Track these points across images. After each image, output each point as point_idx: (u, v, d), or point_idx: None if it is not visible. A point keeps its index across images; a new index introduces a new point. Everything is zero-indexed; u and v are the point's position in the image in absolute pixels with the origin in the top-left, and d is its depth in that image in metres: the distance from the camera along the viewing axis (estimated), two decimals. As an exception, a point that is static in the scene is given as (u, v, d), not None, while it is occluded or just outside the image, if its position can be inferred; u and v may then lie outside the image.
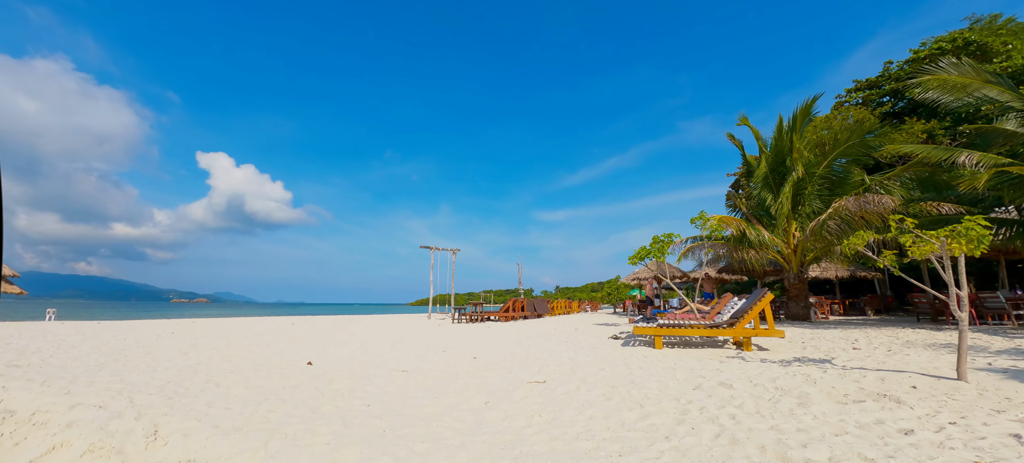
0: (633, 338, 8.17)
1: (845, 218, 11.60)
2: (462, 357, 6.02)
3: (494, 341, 8.23)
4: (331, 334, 10.34)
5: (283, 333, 10.61)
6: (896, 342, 7.06)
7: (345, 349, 7.19)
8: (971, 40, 19.09)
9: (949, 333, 8.27)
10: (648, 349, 6.52)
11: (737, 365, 5.05)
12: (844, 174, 13.22)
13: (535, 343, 7.72)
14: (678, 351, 6.33)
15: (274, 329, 12.12)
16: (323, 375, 4.76)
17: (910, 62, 21.06)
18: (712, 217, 10.91)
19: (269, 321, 16.99)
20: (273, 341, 8.49)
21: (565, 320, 16.26)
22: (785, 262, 14.10)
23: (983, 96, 9.25)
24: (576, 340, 8.05)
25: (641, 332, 6.60)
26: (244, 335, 9.85)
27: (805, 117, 13.17)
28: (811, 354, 5.87)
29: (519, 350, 6.69)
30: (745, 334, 6.19)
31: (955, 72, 9.26)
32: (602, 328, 11.24)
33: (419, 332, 11.06)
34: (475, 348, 7.14)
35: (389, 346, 7.65)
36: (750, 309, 6.34)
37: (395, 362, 5.65)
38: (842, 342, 7.14)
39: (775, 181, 14.01)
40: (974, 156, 8.77)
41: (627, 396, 3.66)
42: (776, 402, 3.44)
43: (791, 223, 13.92)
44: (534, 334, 9.53)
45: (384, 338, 9.21)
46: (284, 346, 7.61)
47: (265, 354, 6.50)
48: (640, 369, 4.84)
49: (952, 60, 9.36)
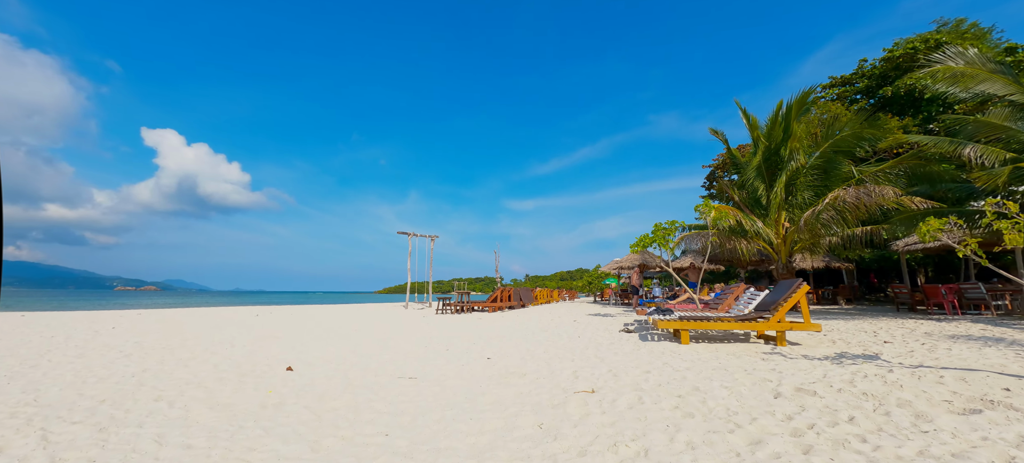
0: (645, 329, 7.60)
1: (839, 209, 11.56)
2: (472, 357, 5.20)
3: (496, 335, 7.44)
4: (305, 327, 9.20)
5: (248, 327, 9.36)
6: (915, 334, 6.85)
7: (328, 347, 6.18)
8: (941, 41, 19.76)
9: (952, 323, 8.24)
10: (673, 344, 5.94)
11: (789, 365, 4.51)
12: (835, 165, 13.23)
13: (543, 338, 6.99)
14: (704, 346, 5.79)
15: (237, 322, 10.80)
16: (311, 386, 3.81)
17: (884, 60, 21.69)
18: (715, 206, 10.53)
19: (229, 312, 15.40)
20: (238, 337, 7.32)
21: (553, 310, 15.69)
22: (774, 252, 14.08)
23: (981, 91, 9.23)
24: (586, 334, 7.39)
25: (665, 325, 6.00)
26: (202, 330, 8.56)
27: (801, 107, 13.02)
28: (850, 349, 5.46)
29: (533, 347, 5.94)
30: (781, 328, 5.71)
31: (962, 62, 9.18)
32: (601, 319, 10.68)
33: (404, 325, 10.10)
34: (480, 345, 6.32)
35: (378, 343, 6.69)
36: (782, 301, 5.87)
37: (394, 365, 4.76)
38: (863, 334, 6.85)
39: (768, 171, 13.88)
40: (978, 149, 8.72)
41: (706, 410, 2.98)
42: (888, 415, 2.86)
43: (781, 213, 13.88)
44: (535, 326, 8.81)
45: (369, 333, 8.21)
46: (253, 344, 6.49)
47: (231, 356, 5.41)
48: (688, 371, 4.20)
49: (960, 49, 9.25)
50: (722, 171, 35.27)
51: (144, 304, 28.48)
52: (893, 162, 11.53)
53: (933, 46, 19.90)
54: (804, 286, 5.78)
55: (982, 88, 9.13)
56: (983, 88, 9.17)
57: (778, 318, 5.80)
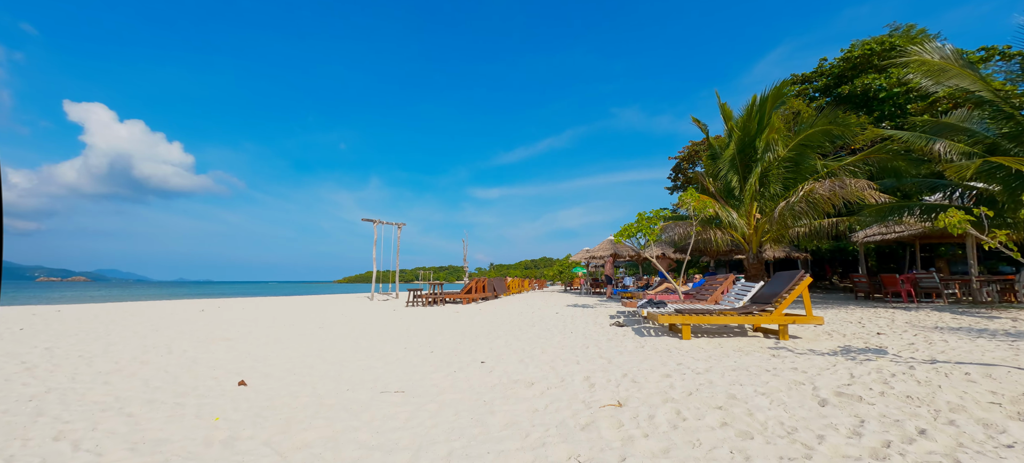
0: (635, 322, 7.26)
1: (812, 201, 11.81)
2: (463, 361, 4.57)
3: (481, 332, 6.83)
4: (261, 325, 8.16)
5: (192, 325, 8.18)
6: (897, 324, 6.94)
7: (290, 351, 5.33)
8: (895, 44, 20.88)
9: (918, 312, 8.51)
10: (673, 339, 5.59)
11: (805, 362, 4.24)
12: (805, 159, 13.54)
13: (534, 334, 6.47)
14: (705, 341, 5.49)
15: (178, 319, 9.50)
16: (271, 408, 3.06)
17: (842, 60, 22.71)
18: (699, 196, 10.38)
19: (170, 307, 13.74)
20: (178, 340, 6.26)
21: (528, 300, 15.26)
22: (745, 242, 14.33)
23: (956, 85, 9.55)
24: (577, 328, 6.94)
25: (666, 320, 5.63)
26: (133, 330, 7.35)
27: (777, 100, 13.16)
28: (850, 342, 5.33)
29: (528, 347, 5.39)
30: (784, 321, 5.49)
31: (937, 56, 9.42)
32: (583, 311, 10.32)
33: (374, 320, 9.26)
34: (466, 344, 5.69)
35: (350, 344, 5.90)
36: (784, 293, 5.66)
37: (374, 374, 4.05)
38: (850, 325, 6.85)
39: (742, 163, 14.03)
40: (947, 145, 9.02)
41: (760, 426, 2.55)
42: (953, 424, 2.54)
43: (753, 204, 14.12)
44: (520, 320, 8.27)
45: (337, 330, 7.35)
46: (197, 349, 5.51)
47: (168, 366, 4.48)
48: (709, 373, 3.81)
49: (935, 44, 9.49)
50: (688, 163, 36.19)
51: (68, 298, 25.41)
52: (861, 155, 11.89)
53: (888, 48, 21.01)
54: (807, 278, 5.58)
55: (953, 82, 9.44)
56: (954, 82, 9.47)
57: (781, 311, 5.58)
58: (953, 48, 9.57)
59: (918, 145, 9.24)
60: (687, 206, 10.25)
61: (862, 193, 10.03)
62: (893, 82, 19.29)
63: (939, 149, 8.99)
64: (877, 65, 21.89)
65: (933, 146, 9.06)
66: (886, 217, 10.93)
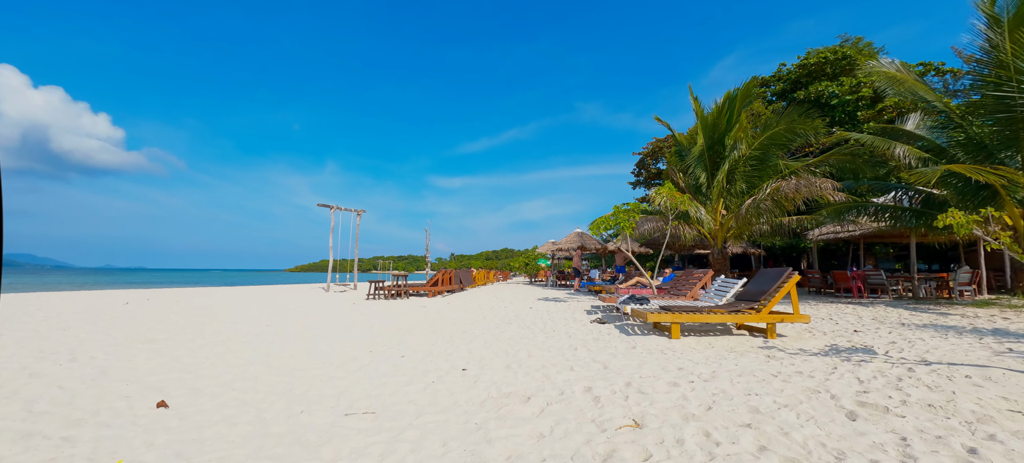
0: (615, 318, 6.96)
1: (777, 199, 12.14)
2: (440, 368, 3.99)
3: (455, 330, 6.25)
4: (194, 321, 7.09)
5: (110, 321, 6.95)
6: (866, 320, 7.11)
7: (229, 357, 4.50)
8: (847, 54, 22.12)
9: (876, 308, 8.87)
10: (661, 339, 5.30)
11: (806, 364, 4.05)
12: (770, 157, 13.93)
13: (513, 333, 5.97)
14: (696, 340, 5.25)
15: (94, 313, 8.11)
16: (199, 440, 2.35)
17: (798, 67, 23.82)
18: (676, 193, 10.27)
19: (88, 298, 11.88)
20: (87, 341, 5.19)
21: (497, 293, 14.78)
22: (711, 238, 14.61)
23: (913, 92, 10.01)
24: (557, 325, 6.52)
25: (656, 319, 5.32)
26: (34, 328, 6.09)
27: (747, 98, 13.38)
28: (835, 341, 5.27)
29: (511, 348, 4.88)
30: (772, 320, 5.35)
31: (893, 69, 9.82)
32: (556, 304, 9.97)
33: (332, 315, 8.40)
34: (441, 345, 5.10)
35: (303, 346, 5.12)
36: (772, 290, 5.52)
37: (335, 389, 3.38)
38: (825, 322, 6.92)
39: (711, 159, 14.23)
40: (905, 149, 9.44)
41: (804, 451, 2.20)
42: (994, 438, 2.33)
43: (719, 201, 14.39)
44: (494, 317, 7.75)
45: (287, 329, 6.48)
46: (108, 353, 4.53)
47: (65, 381, 3.56)
48: (717, 380, 3.49)
49: (889, 60, 9.88)
50: (652, 158, 37.01)
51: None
52: (825, 156, 12.35)
53: (841, 58, 22.23)
54: (794, 276, 5.46)
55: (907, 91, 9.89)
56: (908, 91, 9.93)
57: (769, 309, 5.43)
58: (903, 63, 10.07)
59: (882, 148, 9.61)
60: (662, 201, 10.13)
61: (826, 193, 10.37)
62: (845, 89, 20.42)
63: (899, 153, 9.39)
64: (830, 73, 23.14)
65: (894, 150, 9.44)
66: (843, 216, 11.42)
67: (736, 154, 12.54)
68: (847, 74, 22.92)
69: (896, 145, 9.50)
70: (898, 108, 18.15)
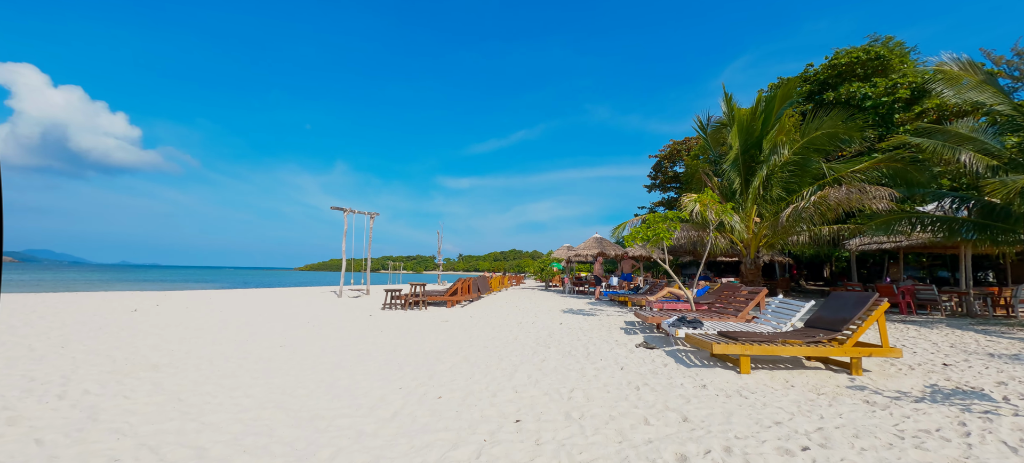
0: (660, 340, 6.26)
1: (821, 208, 11.30)
2: (488, 418, 3.36)
3: (490, 356, 5.61)
4: (204, 338, 6.53)
5: (115, 334, 6.40)
6: (940, 347, 6.33)
7: (239, 391, 3.91)
8: (880, 54, 21.11)
9: (942, 329, 8.05)
10: (730, 374, 4.61)
11: (921, 415, 3.34)
12: (809, 163, 13.10)
13: (555, 360, 5.32)
14: (768, 375, 4.55)
15: (100, 322, 7.56)
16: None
17: (827, 67, 22.80)
18: (720, 205, 9.51)
19: (97, 301, 11.33)
20: (84, 364, 4.62)
21: (515, 301, 14.14)
22: (743, 247, 13.81)
23: (969, 98, 9.16)
24: (600, 350, 5.84)
25: (723, 351, 4.63)
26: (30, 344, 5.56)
27: (786, 99, 12.58)
28: (934, 379, 4.54)
29: (561, 385, 4.22)
30: (858, 353, 4.63)
31: (957, 67, 8.98)
32: (586, 319, 9.28)
33: (349, 331, 7.83)
34: (478, 377, 4.46)
35: (321, 378, 4.52)
36: (857, 319, 4.80)
37: (368, 459, 2.76)
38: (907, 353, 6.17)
39: (745, 164, 13.43)
40: (971, 155, 8.61)
41: None
42: None
43: (753, 208, 13.59)
44: (526, 336, 7.09)
45: (304, 352, 5.90)
46: (104, 385, 3.96)
47: (46, 426, 2.98)
48: (826, 442, 2.81)
49: (954, 56, 9.04)
50: (669, 161, 36.09)
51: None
52: (872, 162, 11.50)
53: (873, 57, 21.21)
54: (883, 304, 4.73)
55: (970, 95, 9.04)
56: (972, 95, 9.07)
57: (855, 341, 4.71)
58: (969, 60, 9.17)
59: (945, 155, 8.78)
60: (697, 209, 9.40)
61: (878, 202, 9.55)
62: (879, 91, 19.42)
63: (965, 160, 8.56)
64: (861, 74, 22.12)
65: (959, 156, 8.61)
66: (893, 226, 10.56)
67: (777, 159, 11.72)
68: (880, 74, 21.89)
69: (962, 151, 8.66)
70: (940, 110, 17.15)
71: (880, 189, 9.46)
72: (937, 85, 8.84)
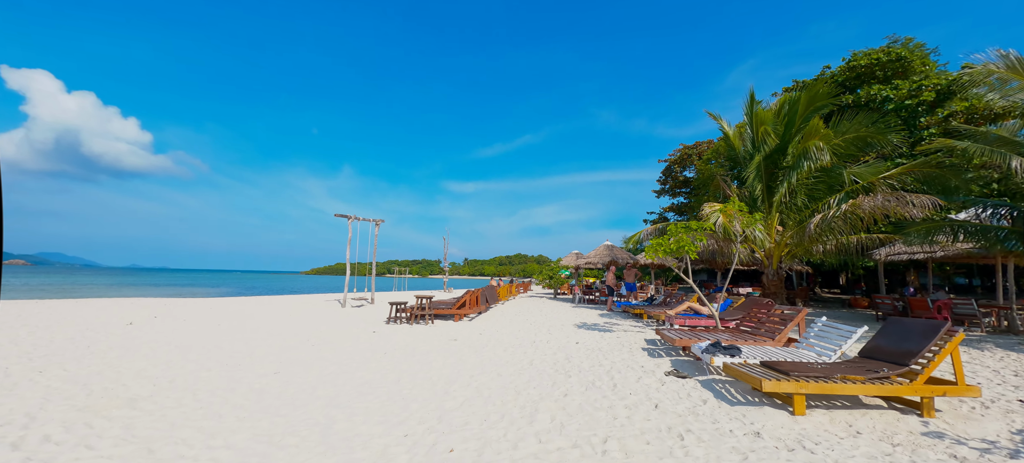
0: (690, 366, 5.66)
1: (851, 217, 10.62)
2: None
3: (505, 387, 5.06)
4: (192, 359, 6.02)
5: (100, 355, 5.89)
6: (1001, 375, 5.67)
7: (222, 437, 3.40)
8: (901, 55, 20.39)
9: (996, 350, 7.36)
10: (782, 416, 4.02)
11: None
12: (836, 168, 12.44)
13: (579, 396, 4.75)
14: (827, 416, 3.95)
15: (90, 338, 7.03)
16: None
17: (845, 69, 22.07)
18: (748, 216, 8.89)
19: (95, 308, 10.74)
20: (51, 399, 4.12)
21: (525, 313, 13.56)
22: (765, 257, 13.15)
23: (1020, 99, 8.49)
24: (628, 383, 5.26)
25: (775, 388, 4.03)
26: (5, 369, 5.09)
27: (812, 104, 11.94)
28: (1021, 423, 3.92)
29: (591, 432, 3.65)
30: (930, 392, 4.02)
31: (1003, 65, 8.34)
32: (602, 335, 8.68)
33: (350, 353, 7.31)
34: (495, 420, 3.91)
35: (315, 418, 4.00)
36: (926, 352, 4.19)
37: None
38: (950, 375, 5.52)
39: (767, 170, 12.79)
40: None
41: None
42: None
43: (775, 216, 12.94)
44: (545, 364, 6.52)
45: (299, 382, 5.38)
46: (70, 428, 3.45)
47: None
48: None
49: (1000, 52, 8.39)
50: (680, 166, 35.40)
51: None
52: (906, 167, 10.82)
53: (894, 59, 20.47)
54: (959, 334, 4.12)
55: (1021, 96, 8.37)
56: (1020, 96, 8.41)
57: (926, 377, 4.10)
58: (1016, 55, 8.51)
59: (993, 159, 8.12)
60: (730, 220, 8.79)
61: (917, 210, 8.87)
62: (902, 93, 18.67)
63: (1015, 166, 7.89)
64: (880, 76, 21.38)
65: (1009, 161, 7.95)
66: (932, 235, 9.86)
67: (810, 165, 11.07)
68: (900, 76, 21.14)
69: (1013, 156, 8.00)
70: (969, 114, 16.37)
71: (920, 196, 8.79)
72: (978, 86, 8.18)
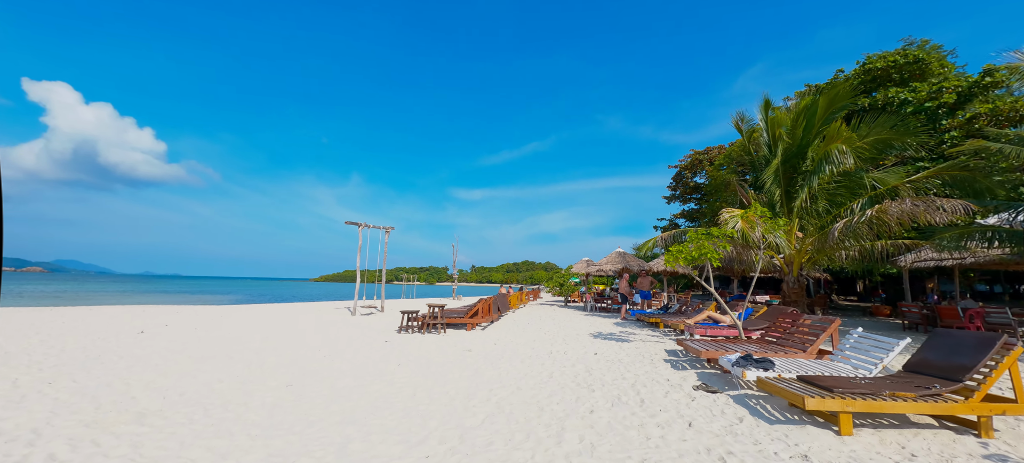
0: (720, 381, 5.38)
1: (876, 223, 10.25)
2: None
3: (532, 408, 4.83)
4: (205, 371, 5.88)
5: (111, 364, 5.77)
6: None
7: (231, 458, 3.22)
8: (919, 57, 19.96)
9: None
10: (828, 436, 3.74)
11: None
12: (859, 171, 12.07)
13: (606, 414, 4.50)
14: (876, 437, 3.66)
15: (100, 348, 6.94)
16: None
17: (860, 72, 21.66)
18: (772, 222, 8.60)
19: (108, 316, 10.76)
20: (59, 412, 3.97)
21: (538, 321, 13.31)
22: (785, 264, 12.77)
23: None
24: (656, 399, 5.00)
25: (818, 407, 3.76)
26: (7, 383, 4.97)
27: (833, 105, 11.63)
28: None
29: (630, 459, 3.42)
30: (988, 411, 3.72)
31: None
32: (619, 346, 8.41)
33: (361, 365, 7.14)
34: (521, 439, 3.69)
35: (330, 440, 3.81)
36: (981, 367, 3.89)
37: None
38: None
39: (785, 174, 12.46)
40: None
41: None
42: None
43: (795, 222, 12.58)
44: (565, 378, 6.28)
45: (310, 396, 5.21)
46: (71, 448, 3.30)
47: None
48: None
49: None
50: (690, 172, 34.99)
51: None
52: (934, 170, 10.44)
53: (912, 61, 20.05)
54: (1017, 348, 3.82)
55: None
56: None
57: (983, 395, 3.80)
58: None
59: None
60: (750, 226, 8.50)
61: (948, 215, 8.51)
62: (921, 96, 18.23)
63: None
64: (897, 79, 20.94)
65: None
66: (964, 240, 9.45)
67: (833, 169, 10.75)
68: (918, 79, 20.69)
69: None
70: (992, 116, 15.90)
71: (951, 201, 8.43)
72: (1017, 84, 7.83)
